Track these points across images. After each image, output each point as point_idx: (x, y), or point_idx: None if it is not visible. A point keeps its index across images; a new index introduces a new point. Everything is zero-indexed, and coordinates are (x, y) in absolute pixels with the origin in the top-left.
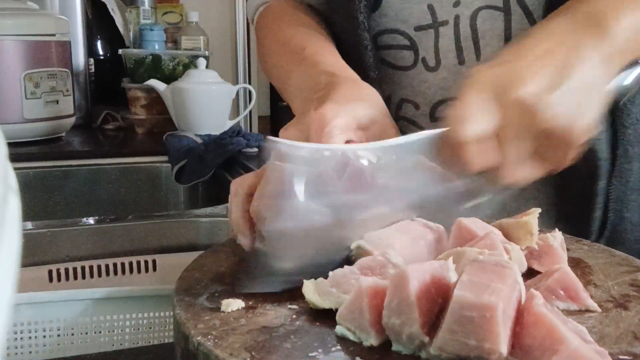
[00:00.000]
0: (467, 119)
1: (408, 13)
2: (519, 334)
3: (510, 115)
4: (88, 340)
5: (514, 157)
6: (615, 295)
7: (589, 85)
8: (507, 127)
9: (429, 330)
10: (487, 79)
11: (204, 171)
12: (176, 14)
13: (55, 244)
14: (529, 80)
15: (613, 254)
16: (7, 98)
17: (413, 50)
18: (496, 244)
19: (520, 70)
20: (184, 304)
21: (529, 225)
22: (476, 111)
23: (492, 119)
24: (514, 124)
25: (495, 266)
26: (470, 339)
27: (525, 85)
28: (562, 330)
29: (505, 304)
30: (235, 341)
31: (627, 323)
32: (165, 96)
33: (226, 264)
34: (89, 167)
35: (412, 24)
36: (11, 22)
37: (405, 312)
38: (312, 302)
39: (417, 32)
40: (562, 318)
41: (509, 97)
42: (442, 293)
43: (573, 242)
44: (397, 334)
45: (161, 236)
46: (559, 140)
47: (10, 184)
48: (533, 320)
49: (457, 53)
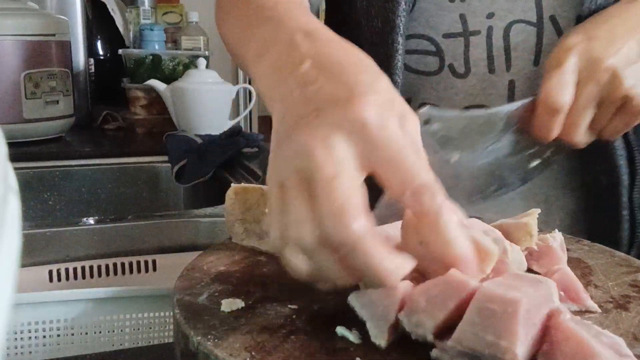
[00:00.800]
0: (565, 87)
1: (439, 21)
2: (548, 352)
3: (595, 82)
4: (88, 340)
5: (582, 121)
6: (616, 296)
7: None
8: (586, 93)
9: (439, 333)
10: (576, 49)
11: (204, 171)
12: (176, 14)
13: (55, 244)
14: (614, 50)
15: (613, 255)
16: (7, 98)
17: (439, 57)
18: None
19: (605, 41)
20: (184, 303)
21: (529, 226)
22: (568, 79)
23: (585, 87)
24: (594, 90)
25: (533, 279)
26: (488, 333)
27: (613, 55)
28: (592, 345)
29: (532, 308)
30: (235, 341)
31: (627, 324)
32: (165, 96)
33: (227, 264)
34: (89, 167)
35: (442, 31)
36: (11, 22)
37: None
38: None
39: (444, 39)
40: (594, 331)
41: (597, 65)
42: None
43: (573, 242)
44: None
45: (161, 236)
46: (634, 107)
47: (10, 184)
48: (562, 337)
49: (488, 62)
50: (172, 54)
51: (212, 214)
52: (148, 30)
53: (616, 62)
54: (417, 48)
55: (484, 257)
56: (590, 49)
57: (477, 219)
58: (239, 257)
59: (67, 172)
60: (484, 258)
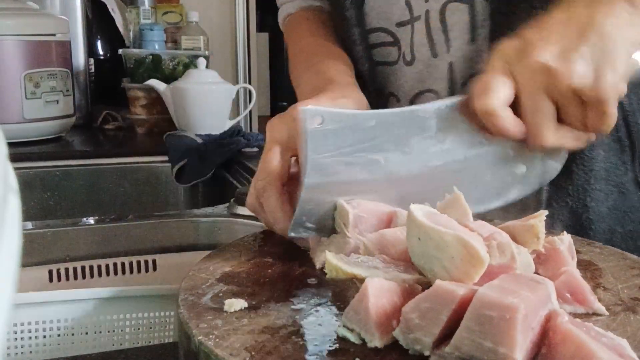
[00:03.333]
0: (490, 90)
1: (389, 10)
2: (547, 355)
3: (529, 79)
4: (88, 340)
5: (540, 120)
6: (625, 299)
7: (612, 39)
8: (527, 91)
9: (438, 342)
10: (505, 51)
11: (204, 171)
12: (176, 14)
13: (55, 244)
14: (545, 45)
15: (625, 257)
16: (7, 98)
17: (397, 47)
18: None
19: (536, 38)
20: (187, 303)
21: (535, 228)
22: (497, 81)
23: (511, 86)
24: (533, 88)
25: (530, 280)
26: (486, 340)
27: (540, 49)
28: (591, 346)
29: (530, 313)
30: (236, 341)
31: (634, 327)
32: (165, 96)
33: (233, 264)
34: (89, 167)
35: (394, 21)
36: (11, 22)
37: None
38: (335, 268)
39: (398, 28)
40: (594, 333)
41: (525, 63)
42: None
43: (584, 244)
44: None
45: (161, 236)
46: (588, 98)
47: (10, 184)
48: (560, 338)
49: (429, 46)
50: (172, 54)
51: (212, 214)
52: (148, 30)
53: (546, 56)
54: (377, 41)
55: (475, 263)
56: (518, 49)
57: (484, 222)
58: (245, 258)
59: (67, 172)
60: (475, 264)
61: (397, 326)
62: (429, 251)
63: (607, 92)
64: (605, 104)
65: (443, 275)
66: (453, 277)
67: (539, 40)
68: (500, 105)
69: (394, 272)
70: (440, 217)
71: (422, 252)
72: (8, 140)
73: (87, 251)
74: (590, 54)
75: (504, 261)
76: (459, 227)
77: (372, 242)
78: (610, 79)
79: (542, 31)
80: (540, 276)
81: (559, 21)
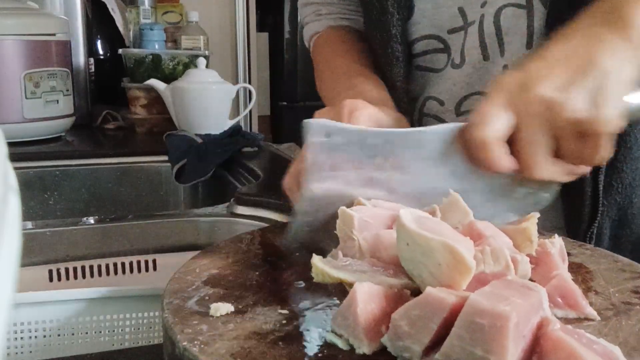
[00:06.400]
0: (487, 122)
1: (441, 18)
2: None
3: (529, 111)
4: (88, 340)
5: (535, 151)
6: (616, 303)
7: (610, 76)
8: (525, 123)
9: (427, 350)
10: (507, 84)
11: (204, 171)
12: (176, 13)
13: (55, 244)
14: (546, 79)
15: (616, 259)
16: (7, 98)
17: (447, 53)
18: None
19: (537, 72)
20: (172, 307)
21: (528, 232)
22: (495, 113)
23: (510, 118)
24: (533, 121)
25: (522, 286)
26: (476, 348)
27: (542, 83)
28: (583, 354)
29: (521, 321)
30: (221, 347)
31: (626, 332)
32: (165, 96)
33: (220, 267)
34: (89, 167)
35: (446, 28)
36: (11, 22)
37: (419, 330)
38: (322, 272)
39: (450, 34)
40: (586, 340)
41: (527, 96)
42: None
43: (575, 246)
44: (394, 338)
45: (161, 236)
46: (586, 131)
47: (10, 183)
48: (552, 346)
49: (481, 49)
50: (172, 54)
51: (212, 213)
52: (148, 30)
53: (547, 89)
54: (428, 48)
55: (461, 269)
56: (520, 82)
57: (489, 223)
58: (232, 260)
59: (67, 172)
60: (461, 270)
61: (386, 332)
62: (417, 257)
63: (605, 124)
64: (602, 136)
65: (431, 281)
66: (440, 283)
67: (541, 74)
68: (493, 137)
69: (381, 276)
70: (431, 221)
71: (410, 258)
72: (8, 140)
73: (87, 251)
74: (589, 89)
75: (498, 269)
76: (450, 232)
77: (366, 242)
78: (608, 112)
79: (544, 65)
80: (532, 282)
81: (560, 56)
